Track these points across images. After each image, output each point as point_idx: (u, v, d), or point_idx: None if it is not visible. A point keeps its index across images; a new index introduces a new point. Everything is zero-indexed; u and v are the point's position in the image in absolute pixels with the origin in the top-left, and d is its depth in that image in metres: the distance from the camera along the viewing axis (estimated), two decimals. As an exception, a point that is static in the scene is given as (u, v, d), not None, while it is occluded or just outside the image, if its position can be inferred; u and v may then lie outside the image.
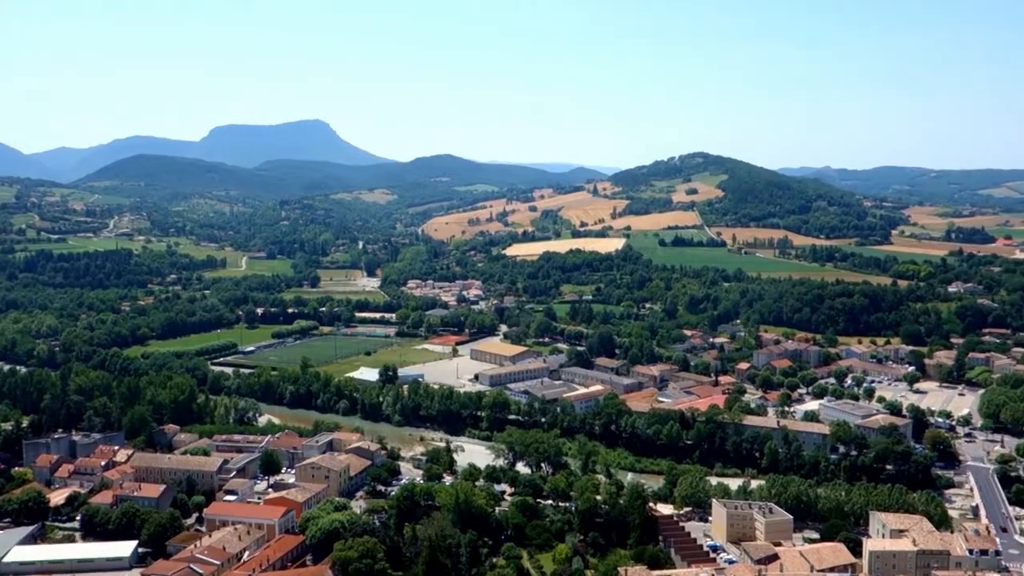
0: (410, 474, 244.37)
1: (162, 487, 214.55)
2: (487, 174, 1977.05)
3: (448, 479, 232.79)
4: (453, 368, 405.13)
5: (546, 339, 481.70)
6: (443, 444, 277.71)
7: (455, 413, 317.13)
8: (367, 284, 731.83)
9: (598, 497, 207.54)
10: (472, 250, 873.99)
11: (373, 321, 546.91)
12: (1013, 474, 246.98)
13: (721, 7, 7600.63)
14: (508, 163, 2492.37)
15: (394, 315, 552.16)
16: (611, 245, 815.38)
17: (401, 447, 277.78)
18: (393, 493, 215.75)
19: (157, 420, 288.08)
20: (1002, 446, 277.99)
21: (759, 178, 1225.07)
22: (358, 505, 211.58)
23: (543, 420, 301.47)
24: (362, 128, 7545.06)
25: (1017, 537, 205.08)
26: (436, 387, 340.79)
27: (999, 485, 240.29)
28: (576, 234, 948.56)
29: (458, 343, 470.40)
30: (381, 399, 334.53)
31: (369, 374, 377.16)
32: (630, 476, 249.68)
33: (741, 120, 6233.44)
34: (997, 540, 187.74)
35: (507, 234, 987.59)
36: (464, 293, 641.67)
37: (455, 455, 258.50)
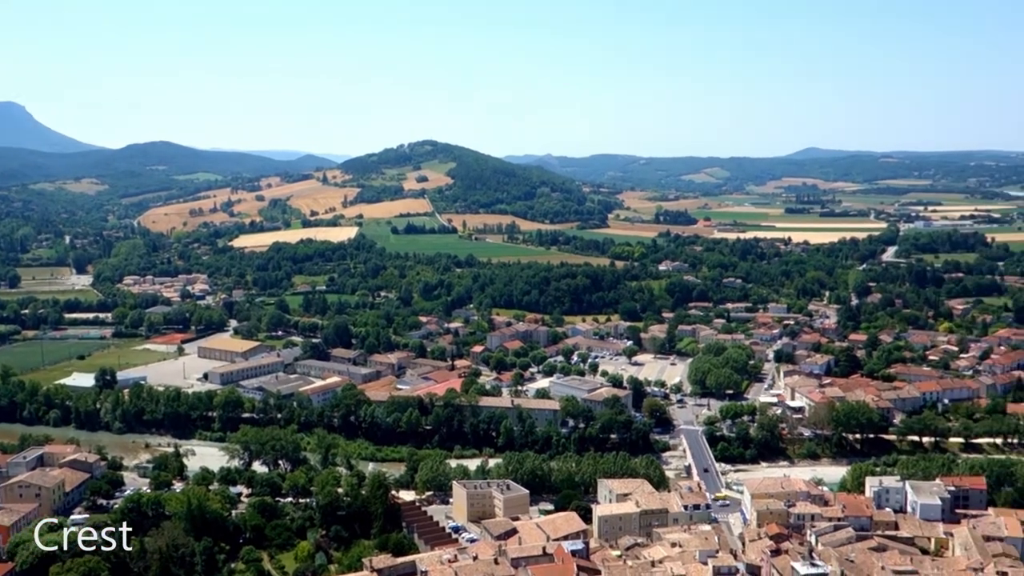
0: (136, 484, 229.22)
1: None
2: (209, 162, 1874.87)
3: (179, 485, 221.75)
4: (179, 368, 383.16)
5: (279, 332, 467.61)
6: (171, 449, 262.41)
7: (184, 415, 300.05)
8: (77, 282, 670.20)
9: (339, 490, 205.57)
10: (196, 242, 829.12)
11: (86, 322, 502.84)
12: (718, 434, 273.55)
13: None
14: (231, 150, 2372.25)
15: (110, 315, 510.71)
16: (343, 234, 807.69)
17: (124, 456, 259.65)
18: (116, 506, 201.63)
19: None
20: (708, 409, 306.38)
21: (486, 166, 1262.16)
22: (76, 522, 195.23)
23: (279, 416, 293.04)
24: (65, 111, 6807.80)
25: (724, 490, 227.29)
26: (161, 389, 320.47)
27: (707, 444, 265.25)
28: (307, 224, 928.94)
29: (184, 341, 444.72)
30: (99, 406, 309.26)
31: (84, 379, 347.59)
32: (371, 466, 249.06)
33: (466, 109, 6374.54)
34: (708, 495, 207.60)
35: (233, 225, 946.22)
36: (188, 288, 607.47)
37: (185, 460, 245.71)
